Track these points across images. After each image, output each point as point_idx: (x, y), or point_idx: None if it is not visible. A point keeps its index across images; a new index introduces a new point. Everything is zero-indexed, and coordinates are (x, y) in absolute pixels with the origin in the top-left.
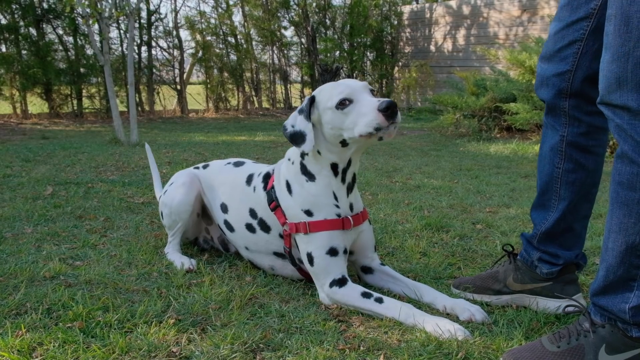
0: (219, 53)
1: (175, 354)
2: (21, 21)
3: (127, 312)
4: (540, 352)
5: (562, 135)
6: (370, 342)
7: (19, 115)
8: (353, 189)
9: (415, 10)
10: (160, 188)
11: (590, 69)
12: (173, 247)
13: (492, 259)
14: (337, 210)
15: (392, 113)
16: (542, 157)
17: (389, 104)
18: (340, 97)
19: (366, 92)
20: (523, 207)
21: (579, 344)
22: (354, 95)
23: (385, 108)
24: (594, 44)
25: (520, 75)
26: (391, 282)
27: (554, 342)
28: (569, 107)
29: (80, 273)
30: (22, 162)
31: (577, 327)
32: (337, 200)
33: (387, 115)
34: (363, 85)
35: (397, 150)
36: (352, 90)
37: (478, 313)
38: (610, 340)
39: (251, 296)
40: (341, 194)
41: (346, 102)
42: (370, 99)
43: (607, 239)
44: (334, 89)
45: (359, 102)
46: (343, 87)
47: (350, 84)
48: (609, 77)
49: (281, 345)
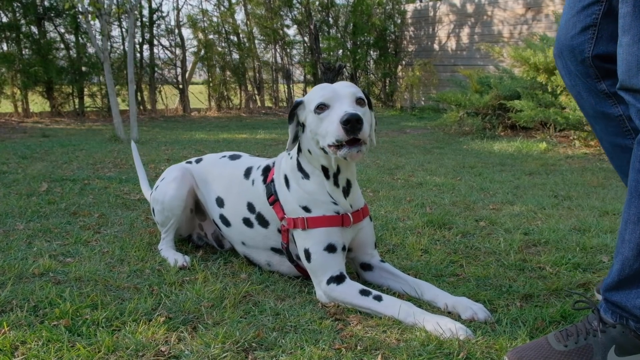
0: (221, 51)
1: (163, 353)
2: (22, 19)
3: (116, 309)
4: (546, 351)
5: (618, 115)
6: (368, 342)
7: (21, 114)
8: (350, 193)
9: (418, 8)
10: (147, 186)
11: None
12: (167, 244)
13: (495, 256)
14: (336, 207)
15: (352, 128)
16: (612, 154)
17: (350, 116)
18: (318, 101)
19: (348, 99)
20: (527, 205)
21: (587, 343)
22: (332, 101)
23: (345, 121)
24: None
25: (524, 72)
26: (391, 279)
27: (560, 340)
28: (607, 88)
29: (71, 270)
30: (19, 159)
31: (586, 326)
32: (334, 199)
33: (346, 129)
34: (349, 92)
35: (399, 148)
36: (333, 95)
37: (481, 311)
38: (621, 341)
39: (245, 294)
40: (337, 195)
41: (323, 107)
42: (343, 109)
43: (624, 230)
44: (318, 92)
45: (333, 110)
46: (325, 91)
47: (335, 89)
48: (629, 61)
49: (275, 345)
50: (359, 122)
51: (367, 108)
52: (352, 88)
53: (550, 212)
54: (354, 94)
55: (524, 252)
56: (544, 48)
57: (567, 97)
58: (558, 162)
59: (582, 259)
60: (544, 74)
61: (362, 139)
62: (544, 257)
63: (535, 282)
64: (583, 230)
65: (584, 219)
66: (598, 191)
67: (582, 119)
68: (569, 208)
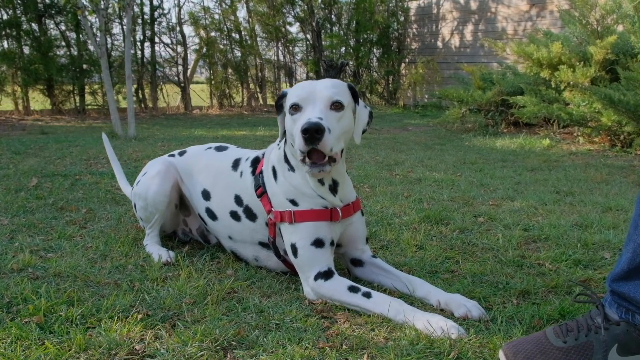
0: (223, 49)
1: (138, 351)
2: (23, 16)
3: (92, 306)
4: (544, 346)
5: None
6: (354, 340)
7: (21, 112)
8: (338, 190)
9: (422, 5)
10: (125, 182)
11: None
12: (152, 239)
13: (492, 253)
14: (324, 201)
15: (311, 138)
16: None
17: (309, 126)
18: (292, 101)
19: (322, 104)
20: (528, 200)
21: (587, 341)
22: (305, 103)
23: (304, 130)
24: None
25: (527, 68)
26: (382, 275)
27: (559, 335)
28: None
29: (51, 265)
30: (12, 154)
31: (588, 321)
32: (321, 195)
33: (304, 138)
34: (325, 95)
35: (400, 145)
36: (308, 96)
37: (475, 309)
38: (625, 340)
39: (230, 290)
40: (323, 192)
41: (297, 108)
42: (310, 115)
43: (638, 216)
44: (296, 90)
45: (304, 113)
46: (302, 91)
47: (314, 89)
48: None
49: (255, 343)
50: (319, 132)
51: (344, 112)
52: (331, 90)
53: (551, 207)
54: (330, 98)
55: (522, 248)
56: (547, 43)
57: (571, 92)
58: (561, 158)
59: (583, 255)
60: (547, 69)
61: (324, 152)
62: (543, 254)
63: (533, 279)
64: (585, 226)
65: (586, 214)
66: (601, 187)
67: (585, 114)
68: (571, 204)
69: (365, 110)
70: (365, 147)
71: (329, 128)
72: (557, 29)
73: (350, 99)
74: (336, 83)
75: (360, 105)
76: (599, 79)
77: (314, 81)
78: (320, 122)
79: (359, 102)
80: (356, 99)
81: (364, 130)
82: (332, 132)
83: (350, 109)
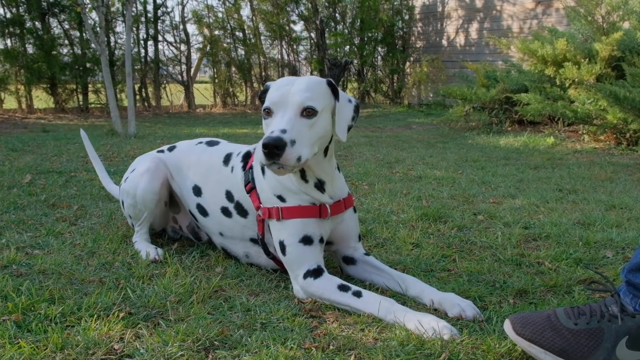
0: (226, 48)
1: (116, 351)
2: (26, 15)
3: (74, 304)
4: (553, 323)
5: None
6: (342, 341)
7: (24, 110)
8: (325, 188)
9: (427, 4)
10: (108, 179)
11: None
12: (141, 237)
13: (491, 251)
14: (312, 198)
15: (270, 154)
16: None
17: (268, 141)
18: (266, 104)
19: (292, 111)
20: (530, 198)
21: (599, 327)
22: (277, 108)
23: (263, 145)
24: None
25: (532, 65)
26: (375, 273)
27: (571, 317)
28: None
29: (36, 262)
30: (9, 151)
31: (602, 308)
32: (306, 192)
33: (265, 152)
34: (297, 101)
35: (402, 142)
36: (280, 100)
37: (469, 309)
38: (636, 334)
39: (218, 288)
40: (308, 190)
41: (269, 112)
42: (276, 125)
43: None
44: (272, 92)
45: (274, 120)
46: (277, 93)
47: (287, 93)
48: None
49: (239, 343)
50: (278, 147)
51: (317, 117)
52: (303, 95)
53: (553, 205)
54: (302, 104)
55: (522, 246)
56: (552, 40)
57: (576, 90)
58: (565, 156)
59: (585, 254)
60: (552, 66)
61: (286, 165)
62: (543, 252)
63: (532, 278)
64: (587, 224)
65: (589, 212)
66: (606, 185)
67: (591, 112)
68: (574, 202)
69: (348, 105)
70: (367, 145)
71: (293, 140)
72: (563, 26)
73: (329, 99)
74: (312, 85)
75: (341, 100)
76: (604, 76)
77: (292, 80)
78: (282, 138)
79: (339, 98)
80: (336, 95)
81: (349, 126)
82: (299, 142)
83: (329, 110)
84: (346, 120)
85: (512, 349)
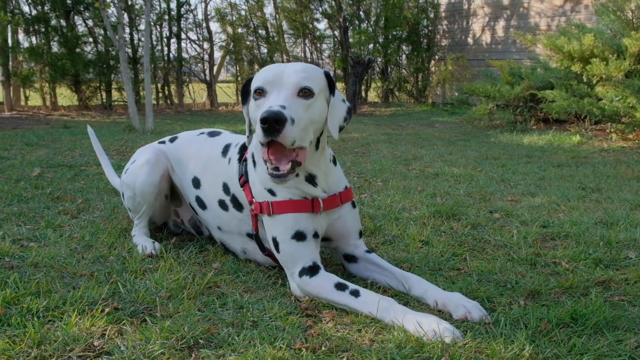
0: (249, 45)
1: (95, 348)
2: (51, 12)
3: (59, 298)
4: None
5: None
6: (336, 341)
7: (49, 107)
8: (318, 182)
9: (452, 1)
10: (113, 174)
11: None
12: (140, 230)
13: (505, 250)
14: (303, 192)
15: (270, 129)
16: None
17: (268, 115)
18: (257, 84)
19: (289, 90)
20: (550, 196)
21: None
22: (270, 87)
23: (262, 119)
24: None
25: (558, 61)
26: (377, 272)
27: None
28: None
29: (30, 255)
30: (23, 145)
31: None
32: (297, 185)
33: (263, 128)
34: (293, 81)
35: (421, 140)
36: (275, 80)
37: (475, 310)
38: None
39: (212, 284)
40: (298, 184)
41: (261, 92)
42: (273, 101)
43: None
44: (263, 72)
45: (268, 99)
46: (269, 73)
47: (281, 73)
48: None
49: (225, 342)
50: (279, 122)
51: (314, 100)
52: (300, 75)
53: (574, 204)
54: (298, 84)
55: (538, 245)
56: (579, 36)
57: (604, 87)
58: (591, 154)
59: (605, 254)
60: (578, 63)
61: (284, 144)
62: (560, 252)
63: (546, 278)
64: (610, 223)
65: (613, 212)
66: (632, 184)
67: (619, 110)
68: (597, 201)
69: (342, 105)
70: (385, 142)
71: (293, 118)
72: (592, 23)
73: (325, 87)
74: (308, 67)
75: (336, 97)
76: (633, 73)
77: (284, 64)
78: (282, 112)
79: (334, 93)
80: (332, 88)
81: (341, 127)
82: (297, 122)
83: (324, 97)
84: (339, 119)
85: (519, 354)
